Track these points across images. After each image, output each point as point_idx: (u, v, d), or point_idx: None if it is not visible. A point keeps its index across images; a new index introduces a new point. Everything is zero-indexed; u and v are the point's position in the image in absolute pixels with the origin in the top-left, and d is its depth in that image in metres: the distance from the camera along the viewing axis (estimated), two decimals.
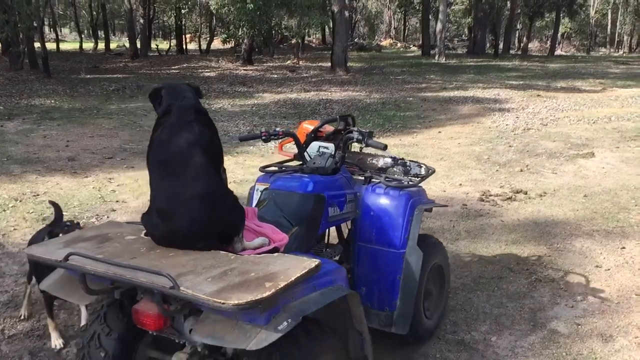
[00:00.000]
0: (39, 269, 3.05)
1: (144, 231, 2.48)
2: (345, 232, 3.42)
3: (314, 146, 3.43)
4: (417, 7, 38.54)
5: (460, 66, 26.01)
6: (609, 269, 4.45)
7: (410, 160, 3.64)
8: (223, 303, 1.88)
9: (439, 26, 28.63)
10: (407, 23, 58.36)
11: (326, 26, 37.92)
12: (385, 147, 3.27)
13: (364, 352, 2.59)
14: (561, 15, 41.15)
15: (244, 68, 22.67)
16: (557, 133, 10.09)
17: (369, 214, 3.27)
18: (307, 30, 45.74)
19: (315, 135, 3.48)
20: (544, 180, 7.09)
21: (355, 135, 3.28)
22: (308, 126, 3.56)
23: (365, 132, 3.28)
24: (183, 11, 24.50)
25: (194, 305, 2.10)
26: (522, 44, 44.35)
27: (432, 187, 6.25)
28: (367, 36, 59.83)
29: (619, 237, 5.13)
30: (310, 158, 3.29)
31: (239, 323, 2.01)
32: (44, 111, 11.69)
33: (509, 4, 36.73)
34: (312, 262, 2.17)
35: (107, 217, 5.56)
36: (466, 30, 48.29)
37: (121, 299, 2.31)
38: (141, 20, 26.33)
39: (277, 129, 3.24)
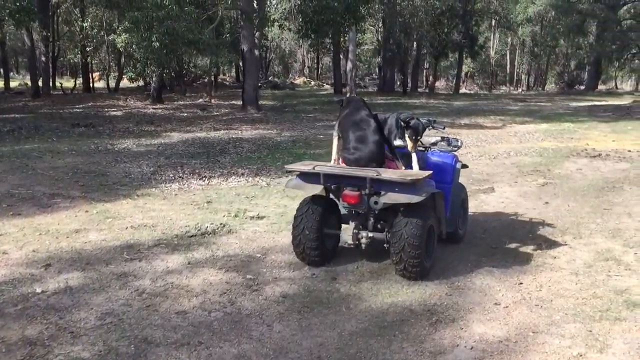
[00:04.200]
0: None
1: (332, 161, 5.33)
2: None
3: None
4: (329, 47, 39.37)
5: (371, 104, 26.44)
6: (507, 306, 4.46)
7: (451, 137, 5.99)
8: (405, 179, 4.63)
9: (349, 65, 29.36)
10: (320, 62, 59.57)
11: (241, 64, 37.93)
12: (444, 128, 6.04)
13: (440, 229, 5.30)
14: (464, 55, 43.41)
15: (153, 107, 22.13)
16: None
17: (430, 166, 5.48)
18: (220, 68, 45.63)
19: None
20: None
21: (424, 121, 5.52)
22: None
23: (432, 119, 5.75)
24: (88, 49, 23.64)
25: (376, 189, 4.74)
26: (429, 83, 46.29)
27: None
28: (282, 74, 60.52)
29: (517, 273, 5.21)
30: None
31: (404, 194, 4.64)
32: None
33: (415, 45, 38.32)
34: (429, 172, 5.01)
35: None
36: (377, 69, 49.93)
37: (326, 192, 5.18)
38: (43, 58, 25.21)
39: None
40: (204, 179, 9.34)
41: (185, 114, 19.97)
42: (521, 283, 4.96)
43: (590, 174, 10.15)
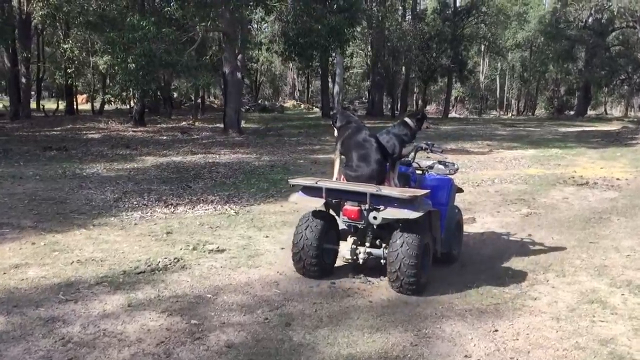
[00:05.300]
0: None
1: (334, 178, 5.60)
2: None
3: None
4: (317, 70, 39.23)
5: None
6: None
7: (448, 161, 6.25)
8: (404, 195, 4.85)
9: (336, 89, 29.09)
10: (310, 85, 59.44)
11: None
12: (442, 151, 6.35)
13: (435, 248, 5.44)
14: (453, 80, 43.33)
15: (134, 129, 21.64)
16: None
17: (427, 188, 5.52)
18: (211, 90, 45.29)
19: None
20: None
21: (423, 145, 6.07)
22: None
23: (430, 143, 6.18)
24: (69, 70, 23.18)
25: (375, 205, 4.94)
26: (418, 107, 46.13)
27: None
28: (272, 97, 60.33)
29: (492, 317, 4.70)
30: None
31: (403, 210, 4.84)
32: None
33: (404, 69, 38.18)
34: (427, 190, 5.26)
35: None
36: (366, 92, 49.80)
37: (326, 208, 5.41)
38: (23, 80, 24.75)
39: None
40: (169, 206, 8.81)
41: (165, 137, 19.47)
42: (496, 330, 4.46)
43: (576, 203, 9.71)
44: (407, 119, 5.84)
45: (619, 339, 4.32)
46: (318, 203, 5.28)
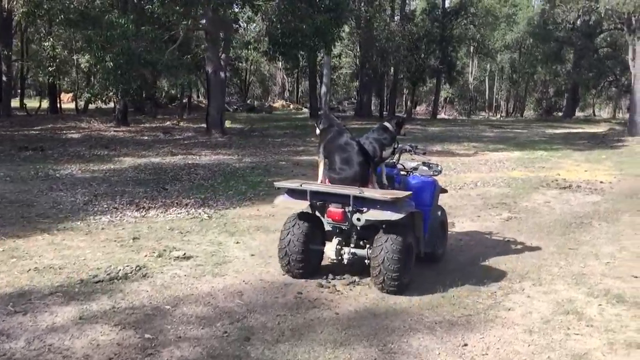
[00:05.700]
0: None
1: (319, 181, 5.69)
2: None
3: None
4: (305, 70, 38.96)
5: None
6: None
7: (432, 163, 6.34)
8: (386, 197, 5.01)
9: (323, 89, 28.85)
10: (300, 85, 59.17)
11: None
12: (425, 153, 6.54)
13: (419, 248, 5.60)
14: (442, 81, 43.22)
15: (116, 129, 21.30)
16: None
17: (410, 190, 5.62)
18: (199, 89, 44.88)
19: None
20: None
21: (407, 147, 6.20)
22: None
23: (414, 145, 6.35)
24: (51, 69, 22.78)
25: (359, 206, 5.06)
26: (407, 107, 46.00)
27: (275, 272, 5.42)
28: (262, 97, 60.04)
29: (463, 330, 4.49)
30: None
31: (385, 212, 4.99)
32: None
33: (392, 70, 38.01)
34: (409, 192, 5.36)
35: None
36: (355, 93, 49.59)
37: (312, 210, 5.45)
38: (4, 78, 24.32)
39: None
40: (141, 210, 8.55)
41: (146, 138, 19.14)
42: (465, 344, 4.25)
43: (558, 207, 9.53)
44: (386, 123, 6.03)
45: (593, 354, 4.12)
46: (303, 205, 5.42)
